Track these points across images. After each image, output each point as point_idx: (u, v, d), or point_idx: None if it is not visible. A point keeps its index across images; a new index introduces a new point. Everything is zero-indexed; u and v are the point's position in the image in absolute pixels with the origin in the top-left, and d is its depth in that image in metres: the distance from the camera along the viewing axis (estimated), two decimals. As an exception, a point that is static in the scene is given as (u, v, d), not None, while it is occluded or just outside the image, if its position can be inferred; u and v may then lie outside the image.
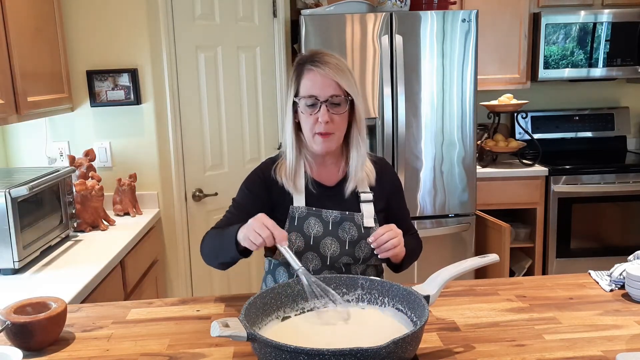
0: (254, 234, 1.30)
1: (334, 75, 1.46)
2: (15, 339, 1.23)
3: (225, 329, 1.02)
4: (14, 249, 1.84)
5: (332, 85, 1.46)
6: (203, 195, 2.82)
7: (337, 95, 1.47)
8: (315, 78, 1.47)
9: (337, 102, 1.47)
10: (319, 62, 1.47)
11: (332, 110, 1.47)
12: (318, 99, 1.46)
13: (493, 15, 3.42)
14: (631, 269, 1.42)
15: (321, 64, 1.47)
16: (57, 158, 2.63)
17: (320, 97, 1.46)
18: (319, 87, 1.46)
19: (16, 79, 2.03)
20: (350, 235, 1.54)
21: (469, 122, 2.98)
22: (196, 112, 2.78)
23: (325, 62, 1.47)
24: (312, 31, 2.83)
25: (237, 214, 1.56)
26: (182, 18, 2.66)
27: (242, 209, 1.56)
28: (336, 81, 1.46)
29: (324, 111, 1.46)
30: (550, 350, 1.19)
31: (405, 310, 1.22)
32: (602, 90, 3.90)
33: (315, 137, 1.49)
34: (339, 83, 1.46)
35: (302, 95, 1.49)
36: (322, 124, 1.46)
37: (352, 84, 1.49)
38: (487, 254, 1.32)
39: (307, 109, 1.48)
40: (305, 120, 1.50)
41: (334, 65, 1.47)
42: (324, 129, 1.47)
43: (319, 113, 1.46)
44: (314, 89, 1.47)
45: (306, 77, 1.49)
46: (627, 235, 3.44)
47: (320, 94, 1.46)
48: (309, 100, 1.47)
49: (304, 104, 1.49)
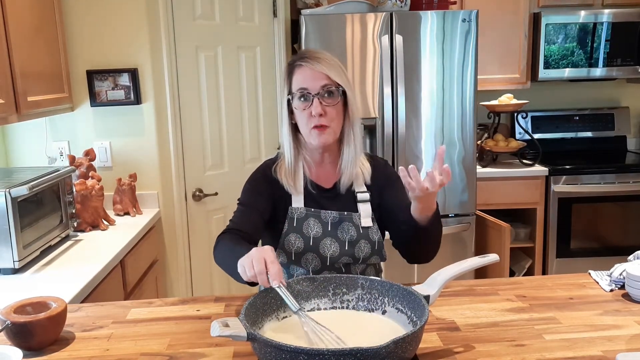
0: (249, 265, 1.19)
1: (322, 68, 1.47)
2: (15, 339, 1.23)
3: (225, 329, 1.02)
4: (14, 248, 1.84)
5: (323, 77, 1.47)
6: (203, 195, 2.82)
7: (327, 85, 1.47)
8: (305, 72, 1.48)
9: (329, 92, 1.48)
10: (308, 58, 1.49)
11: (324, 102, 1.47)
12: (310, 92, 1.47)
13: (493, 15, 3.42)
14: (631, 269, 1.42)
15: (310, 60, 1.49)
16: (57, 158, 2.63)
17: (311, 90, 1.47)
18: (309, 80, 1.47)
19: (16, 79, 2.03)
20: (350, 236, 1.54)
21: (469, 122, 2.98)
22: (196, 112, 2.78)
23: (315, 58, 1.49)
24: (312, 31, 2.83)
25: (245, 210, 1.54)
26: (182, 18, 2.66)
27: (250, 205, 1.55)
28: (326, 74, 1.47)
29: (316, 104, 1.47)
30: (550, 350, 1.18)
31: (405, 310, 1.22)
32: (602, 90, 3.90)
33: (312, 131, 1.50)
34: (329, 75, 1.47)
35: (294, 90, 1.49)
36: (316, 117, 1.47)
37: (343, 77, 1.50)
38: (487, 254, 1.32)
39: (301, 104, 1.49)
40: (300, 116, 1.51)
41: (323, 60, 1.49)
42: (318, 122, 1.47)
43: (312, 106, 1.47)
44: (304, 82, 1.48)
45: (297, 73, 1.50)
46: (627, 235, 3.44)
47: (311, 86, 1.47)
48: (301, 93, 1.48)
49: (297, 100, 1.49)
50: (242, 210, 1.55)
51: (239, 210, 1.56)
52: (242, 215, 1.53)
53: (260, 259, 1.19)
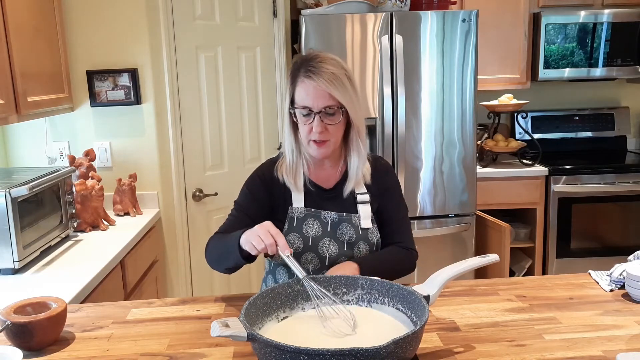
0: (257, 239, 1.30)
1: (326, 86, 1.43)
2: (15, 339, 1.23)
3: (225, 329, 1.02)
4: (14, 249, 1.84)
5: (325, 96, 1.44)
6: (203, 195, 2.82)
7: (330, 106, 1.45)
8: (308, 89, 1.45)
9: (331, 113, 1.46)
10: (313, 72, 1.44)
11: (326, 120, 1.47)
12: (312, 110, 1.46)
13: (493, 15, 3.42)
14: (631, 269, 1.42)
15: (314, 75, 1.43)
16: (57, 158, 2.63)
17: (313, 108, 1.46)
18: (311, 99, 1.45)
19: (16, 79, 2.03)
20: (349, 237, 1.54)
21: (469, 122, 2.98)
22: (196, 112, 2.77)
23: (320, 72, 1.43)
24: (312, 31, 2.83)
25: (238, 216, 1.56)
26: (182, 18, 2.66)
27: (244, 211, 1.57)
28: (330, 93, 1.43)
29: (317, 122, 1.46)
30: (550, 350, 1.19)
31: (405, 310, 1.22)
32: (602, 90, 3.90)
33: (310, 144, 1.50)
34: (333, 94, 1.44)
35: (297, 105, 1.49)
36: (316, 134, 1.47)
37: (347, 93, 1.45)
38: (487, 254, 1.32)
39: (302, 118, 1.49)
40: (301, 127, 1.51)
41: (329, 75, 1.43)
42: (318, 138, 1.48)
43: (313, 123, 1.46)
44: (307, 99, 1.46)
45: (300, 87, 1.47)
46: (627, 235, 3.44)
47: (313, 104, 1.45)
48: (304, 111, 1.47)
49: (299, 113, 1.49)
50: (235, 216, 1.57)
51: (232, 215, 1.58)
52: (235, 222, 1.54)
53: (266, 232, 1.29)
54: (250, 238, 1.32)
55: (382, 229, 1.60)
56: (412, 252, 1.61)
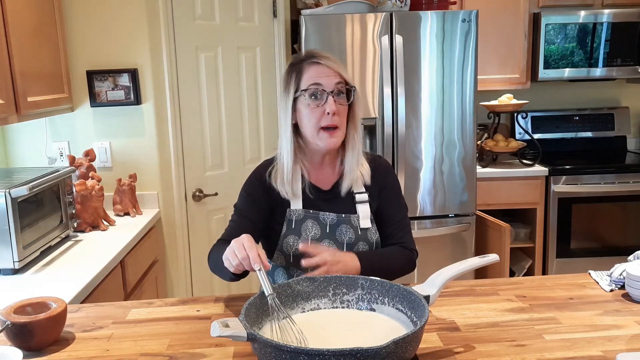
0: (232, 255, 1.26)
1: (337, 67, 1.49)
2: (15, 339, 1.22)
3: (225, 329, 1.02)
4: (14, 249, 1.84)
5: (337, 75, 1.48)
6: (203, 195, 2.82)
7: (341, 82, 1.48)
8: (319, 69, 1.48)
9: (342, 91, 1.48)
10: (319, 57, 1.50)
11: (338, 101, 1.47)
12: (325, 90, 1.46)
13: (493, 15, 3.42)
14: (631, 269, 1.42)
15: (322, 59, 1.49)
16: (57, 158, 2.63)
17: (326, 87, 1.46)
18: (324, 77, 1.47)
19: (16, 79, 2.03)
20: (348, 238, 1.54)
21: (469, 122, 2.98)
22: (196, 112, 2.78)
23: (326, 57, 1.50)
24: (312, 31, 2.84)
25: (239, 221, 1.55)
26: (182, 18, 2.66)
27: (245, 215, 1.55)
28: (339, 72, 1.49)
29: (331, 101, 1.45)
30: (550, 350, 1.18)
31: (405, 310, 1.22)
32: (602, 90, 3.90)
33: (320, 133, 1.48)
34: (342, 74, 1.49)
35: (306, 86, 1.47)
36: (329, 116, 1.45)
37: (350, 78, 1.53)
38: (487, 254, 1.32)
39: (312, 101, 1.47)
40: (308, 116, 1.48)
41: (334, 59, 1.51)
42: (331, 121, 1.46)
43: (326, 104, 1.45)
44: (319, 78, 1.47)
45: (309, 70, 1.49)
46: (627, 235, 3.44)
47: (325, 82, 1.46)
48: (315, 89, 1.46)
49: (308, 97, 1.47)
50: (236, 221, 1.55)
51: (233, 221, 1.56)
52: (236, 227, 1.52)
53: (239, 247, 1.25)
54: (227, 254, 1.29)
55: (382, 228, 1.60)
56: (412, 252, 1.61)
